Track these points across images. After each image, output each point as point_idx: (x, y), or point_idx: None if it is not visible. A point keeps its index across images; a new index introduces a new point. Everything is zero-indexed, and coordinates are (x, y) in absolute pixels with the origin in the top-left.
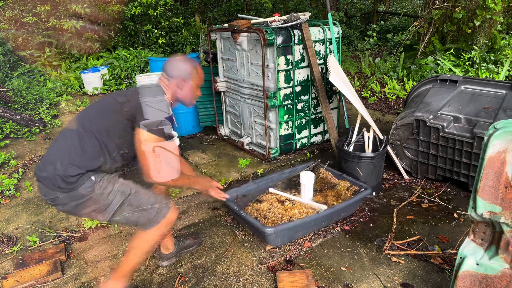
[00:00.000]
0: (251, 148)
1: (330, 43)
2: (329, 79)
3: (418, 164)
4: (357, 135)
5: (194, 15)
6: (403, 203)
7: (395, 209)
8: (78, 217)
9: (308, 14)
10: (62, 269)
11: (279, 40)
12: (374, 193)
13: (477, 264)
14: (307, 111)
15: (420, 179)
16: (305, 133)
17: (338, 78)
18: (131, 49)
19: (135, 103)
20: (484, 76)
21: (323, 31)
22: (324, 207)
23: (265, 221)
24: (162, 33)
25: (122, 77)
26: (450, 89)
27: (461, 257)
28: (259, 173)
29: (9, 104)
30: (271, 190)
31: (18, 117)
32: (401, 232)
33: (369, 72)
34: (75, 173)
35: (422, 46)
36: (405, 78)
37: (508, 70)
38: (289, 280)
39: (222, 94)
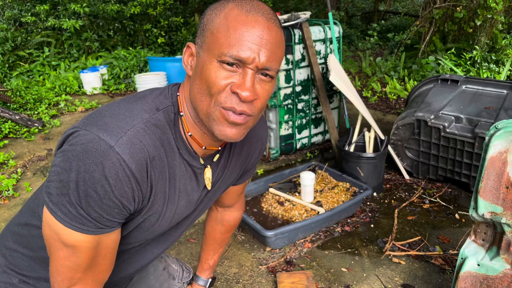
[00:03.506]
0: None
1: (331, 42)
2: (330, 79)
3: (419, 164)
4: (358, 135)
5: (193, 15)
6: (404, 204)
7: (396, 210)
8: None
9: (308, 14)
10: None
11: None
12: (374, 193)
13: (478, 265)
14: (307, 111)
15: (421, 179)
16: (305, 133)
17: (339, 78)
18: (130, 48)
19: None
20: (485, 76)
21: (324, 31)
22: (322, 210)
23: (264, 223)
24: (162, 32)
25: (121, 77)
26: (451, 89)
27: (462, 258)
28: (259, 173)
29: (8, 104)
30: (271, 190)
31: (17, 117)
32: (402, 233)
33: (370, 71)
34: None
35: (423, 46)
36: (406, 78)
37: (510, 70)
38: (289, 281)
39: None
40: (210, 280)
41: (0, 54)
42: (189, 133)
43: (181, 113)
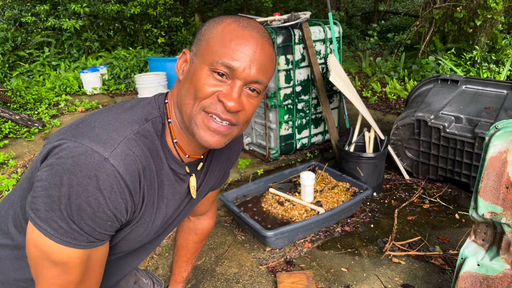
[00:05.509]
0: (251, 148)
1: (331, 42)
2: (330, 79)
3: (419, 165)
4: (358, 135)
5: (193, 15)
6: (404, 204)
7: (396, 210)
8: None
9: (308, 14)
10: None
11: (279, 39)
12: (374, 194)
13: (478, 265)
14: (307, 111)
15: (421, 179)
16: (305, 133)
17: (339, 78)
18: (131, 48)
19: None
20: (485, 76)
21: (324, 31)
22: (322, 210)
23: (264, 223)
24: (162, 32)
25: (121, 77)
26: (451, 89)
27: (462, 258)
28: (259, 174)
29: (8, 104)
30: (271, 190)
31: (17, 117)
32: (402, 233)
33: (370, 71)
34: None
35: (423, 46)
36: (406, 78)
37: (510, 70)
38: (289, 281)
39: None
40: None
41: (0, 54)
42: (175, 140)
43: (169, 120)
